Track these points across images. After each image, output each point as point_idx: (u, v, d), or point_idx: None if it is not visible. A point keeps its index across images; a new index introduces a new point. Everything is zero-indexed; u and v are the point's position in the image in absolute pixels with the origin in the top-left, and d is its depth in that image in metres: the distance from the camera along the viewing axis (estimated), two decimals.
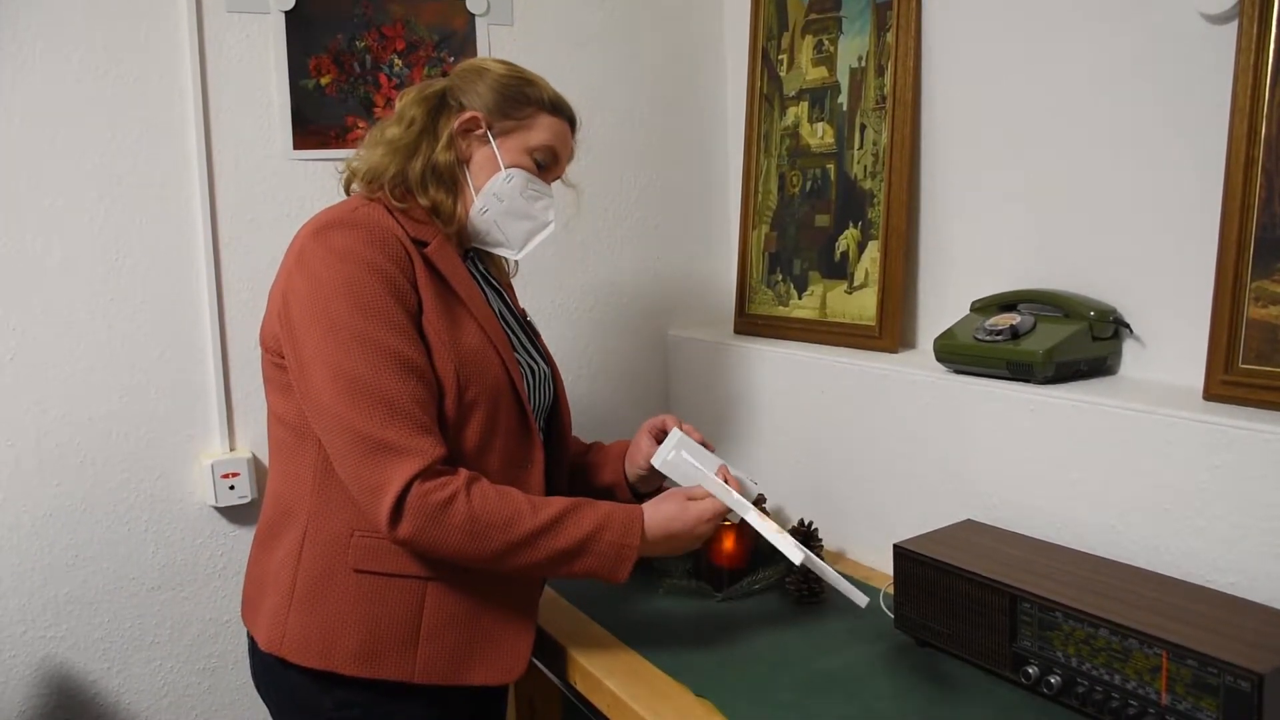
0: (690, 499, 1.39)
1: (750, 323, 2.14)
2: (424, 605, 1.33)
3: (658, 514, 1.36)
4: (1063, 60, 1.59)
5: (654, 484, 1.60)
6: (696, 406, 2.23)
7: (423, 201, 1.38)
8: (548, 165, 1.47)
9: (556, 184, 1.52)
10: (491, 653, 1.36)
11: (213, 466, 1.82)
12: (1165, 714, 1.15)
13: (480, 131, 1.41)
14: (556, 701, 1.87)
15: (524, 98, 1.42)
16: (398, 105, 1.43)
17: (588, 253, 2.19)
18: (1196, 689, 1.12)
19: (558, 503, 1.31)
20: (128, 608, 1.81)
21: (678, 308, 2.31)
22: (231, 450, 1.86)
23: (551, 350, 2.13)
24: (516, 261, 1.57)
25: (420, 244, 1.34)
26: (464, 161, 1.42)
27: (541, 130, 1.44)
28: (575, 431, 2.18)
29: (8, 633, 1.73)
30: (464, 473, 1.27)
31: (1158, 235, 1.49)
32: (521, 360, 1.45)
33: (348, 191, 1.46)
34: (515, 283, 2.06)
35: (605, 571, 1.32)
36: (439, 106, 1.42)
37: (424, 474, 1.24)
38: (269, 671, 1.38)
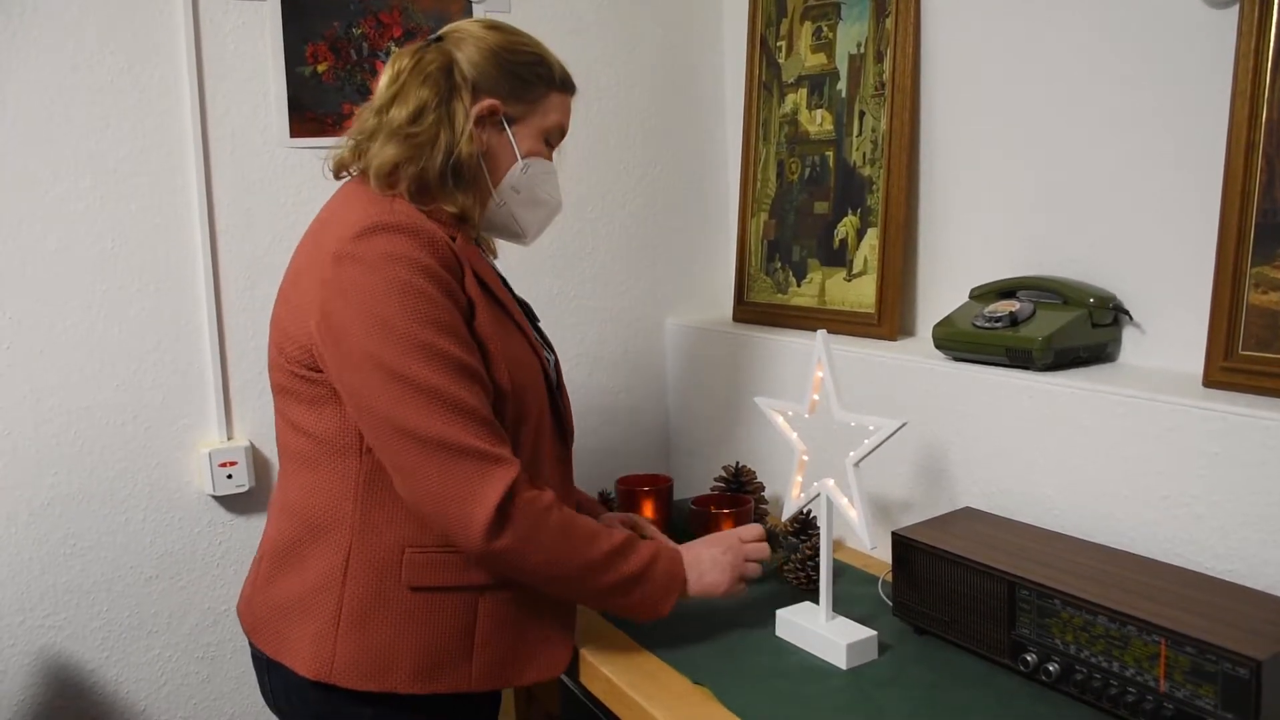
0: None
1: (749, 310, 2.14)
2: (478, 614, 1.29)
3: (693, 545, 1.42)
4: (1062, 46, 1.58)
5: None
6: (695, 394, 2.22)
7: (449, 207, 1.28)
8: (555, 144, 1.41)
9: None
10: (541, 649, 1.35)
11: (210, 455, 1.82)
12: (1163, 701, 1.14)
13: (496, 119, 1.32)
14: (554, 689, 1.87)
15: (536, 78, 1.34)
16: (389, 77, 1.31)
17: (586, 240, 2.18)
18: (1195, 676, 1.11)
19: (621, 530, 1.33)
20: (125, 597, 1.81)
21: (676, 296, 2.30)
22: (229, 439, 1.86)
23: (553, 338, 2.13)
24: (493, 242, 1.51)
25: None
26: (483, 153, 1.32)
27: (554, 111, 1.36)
28: (577, 420, 2.18)
29: (6, 622, 1.73)
30: (549, 489, 1.26)
31: (1157, 222, 1.48)
32: (540, 355, 1.40)
33: (338, 176, 1.38)
34: (517, 271, 2.06)
35: (653, 601, 1.33)
36: (450, 88, 1.29)
37: (520, 480, 1.20)
38: (301, 692, 1.30)
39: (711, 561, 1.39)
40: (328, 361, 1.23)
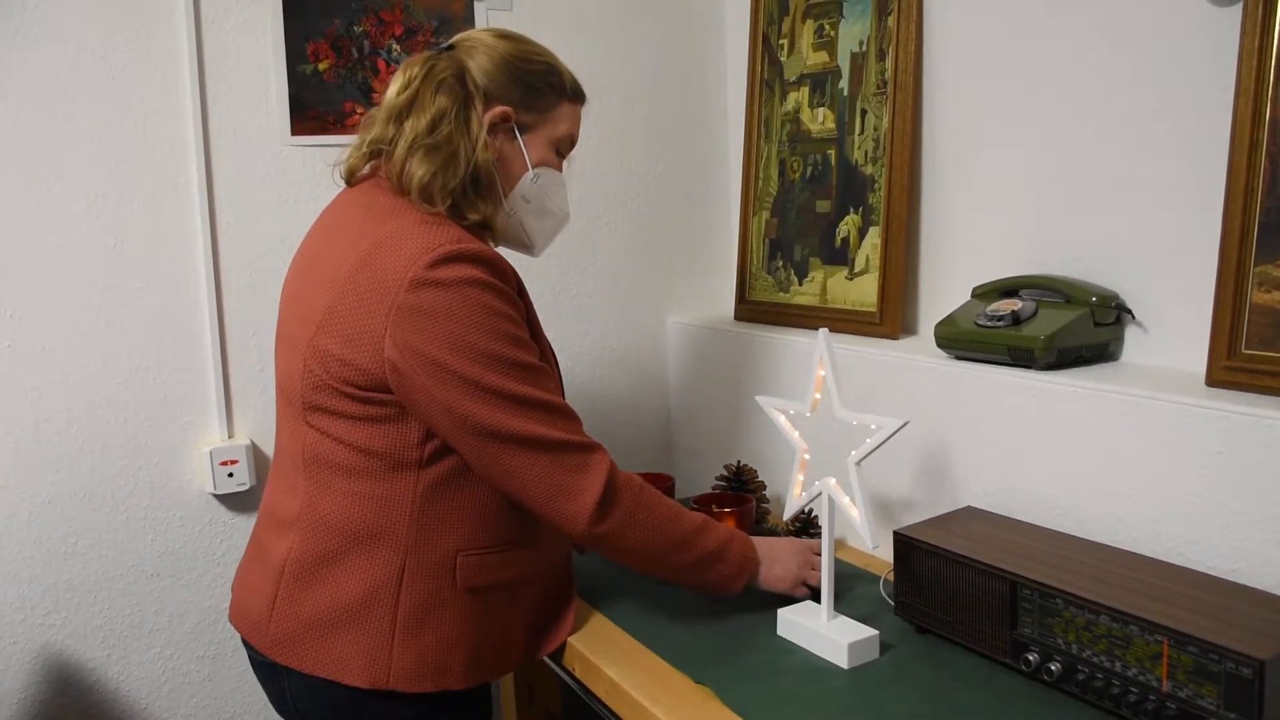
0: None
1: (751, 309, 2.13)
2: (516, 602, 1.38)
3: (764, 539, 1.51)
4: (1064, 44, 1.58)
5: None
6: (697, 393, 2.22)
7: (472, 215, 1.31)
8: (565, 154, 1.42)
9: None
10: (554, 620, 1.45)
11: (211, 454, 1.81)
12: (1166, 701, 1.14)
13: (508, 126, 1.33)
14: (555, 688, 1.87)
15: (547, 87, 1.36)
16: (400, 84, 1.32)
17: (588, 239, 2.18)
18: (1198, 676, 1.11)
19: (693, 511, 1.43)
20: (127, 595, 1.81)
21: (678, 294, 2.30)
22: (230, 437, 1.85)
23: (554, 337, 2.13)
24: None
25: None
26: (498, 162, 1.33)
27: (564, 120, 1.38)
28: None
29: (7, 620, 1.73)
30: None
31: (1160, 220, 1.48)
32: None
33: (349, 182, 1.38)
34: (518, 269, 2.05)
35: (729, 579, 1.43)
36: (465, 96, 1.31)
37: (614, 466, 1.32)
38: (355, 703, 1.30)
39: (783, 555, 1.49)
40: (410, 385, 1.23)
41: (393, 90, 1.32)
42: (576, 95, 1.40)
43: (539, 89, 1.35)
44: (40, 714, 1.76)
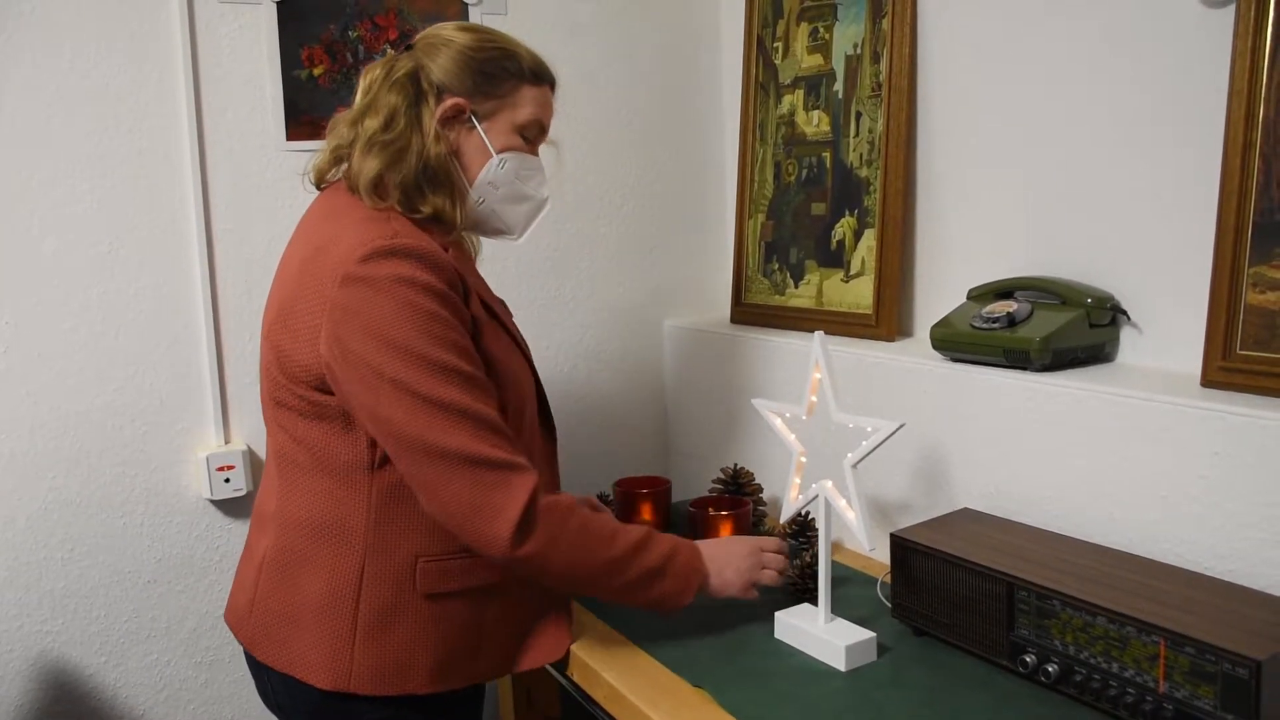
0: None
1: (747, 312, 2.14)
2: (486, 611, 1.34)
3: (710, 543, 1.45)
4: (1058, 45, 1.58)
5: None
6: (694, 396, 2.22)
7: (424, 209, 1.30)
8: (534, 137, 1.40)
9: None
10: (541, 636, 1.40)
11: (208, 459, 1.81)
12: (1163, 702, 1.14)
13: (464, 117, 1.33)
14: (554, 693, 1.87)
15: (503, 72, 1.34)
16: (363, 88, 1.34)
17: (584, 242, 2.18)
18: (1194, 677, 1.11)
19: (638, 526, 1.35)
20: (124, 601, 1.81)
21: (674, 297, 2.30)
22: (226, 443, 1.85)
23: (550, 340, 2.15)
24: (480, 241, 1.52)
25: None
26: (454, 153, 1.34)
27: (526, 104, 1.36)
28: (575, 422, 2.19)
29: (4, 627, 1.72)
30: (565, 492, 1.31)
31: (1155, 221, 1.48)
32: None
33: (318, 186, 1.39)
34: (510, 272, 2.06)
35: (675, 593, 1.35)
36: (417, 93, 1.32)
37: (539, 488, 1.24)
38: (318, 702, 1.31)
39: (731, 558, 1.42)
40: (341, 383, 1.23)
41: (358, 94, 1.35)
42: (538, 78, 1.37)
43: (494, 75, 1.33)
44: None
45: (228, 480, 1.83)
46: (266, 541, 1.35)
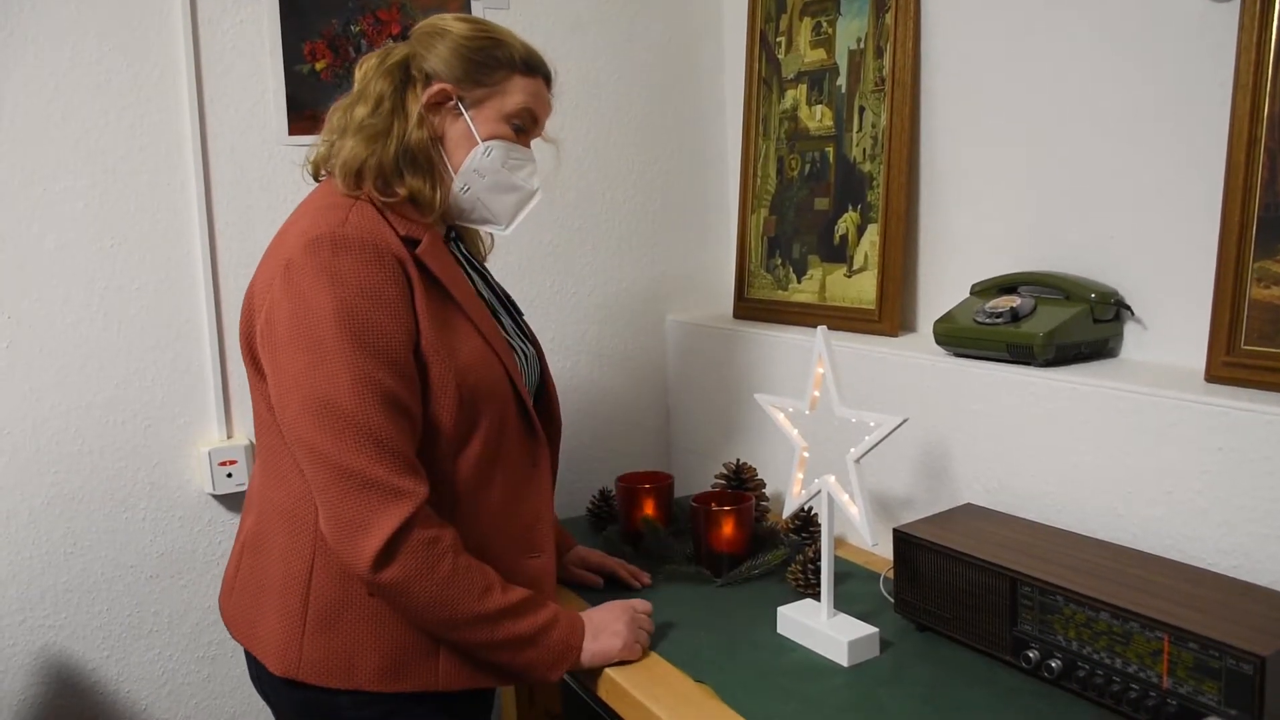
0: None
1: (749, 307, 2.13)
2: None
3: (592, 614, 1.39)
4: (1063, 40, 1.57)
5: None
6: (696, 391, 2.22)
7: (400, 191, 1.29)
8: (526, 129, 1.39)
9: (536, 141, 1.44)
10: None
11: (210, 454, 1.81)
12: (1166, 697, 1.14)
13: (451, 104, 1.33)
14: (556, 689, 1.87)
15: (493, 61, 1.33)
16: (358, 78, 1.35)
17: (587, 238, 2.17)
18: (1198, 672, 1.11)
19: (520, 589, 1.29)
20: (126, 596, 1.81)
21: (677, 292, 2.29)
22: (229, 438, 1.85)
23: (552, 335, 2.15)
24: (493, 237, 1.52)
25: (412, 243, 1.27)
26: (438, 138, 1.34)
27: (516, 93, 1.35)
28: (577, 417, 2.19)
29: (7, 621, 1.73)
30: (453, 530, 1.24)
31: (1159, 216, 1.48)
32: (515, 347, 1.41)
33: (316, 178, 1.39)
34: (513, 267, 2.06)
35: (543, 666, 1.30)
36: (405, 80, 1.33)
37: (417, 516, 1.19)
38: (278, 684, 1.32)
39: (606, 623, 1.38)
40: (265, 365, 1.25)
41: (355, 83, 1.36)
42: (530, 69, 1.37)
43: (485, 64, 1.33)
44: (40, 714, 1.76)
45: (230, 475, 1.83)
46: (249, 521, 1.37)
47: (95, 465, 1.77)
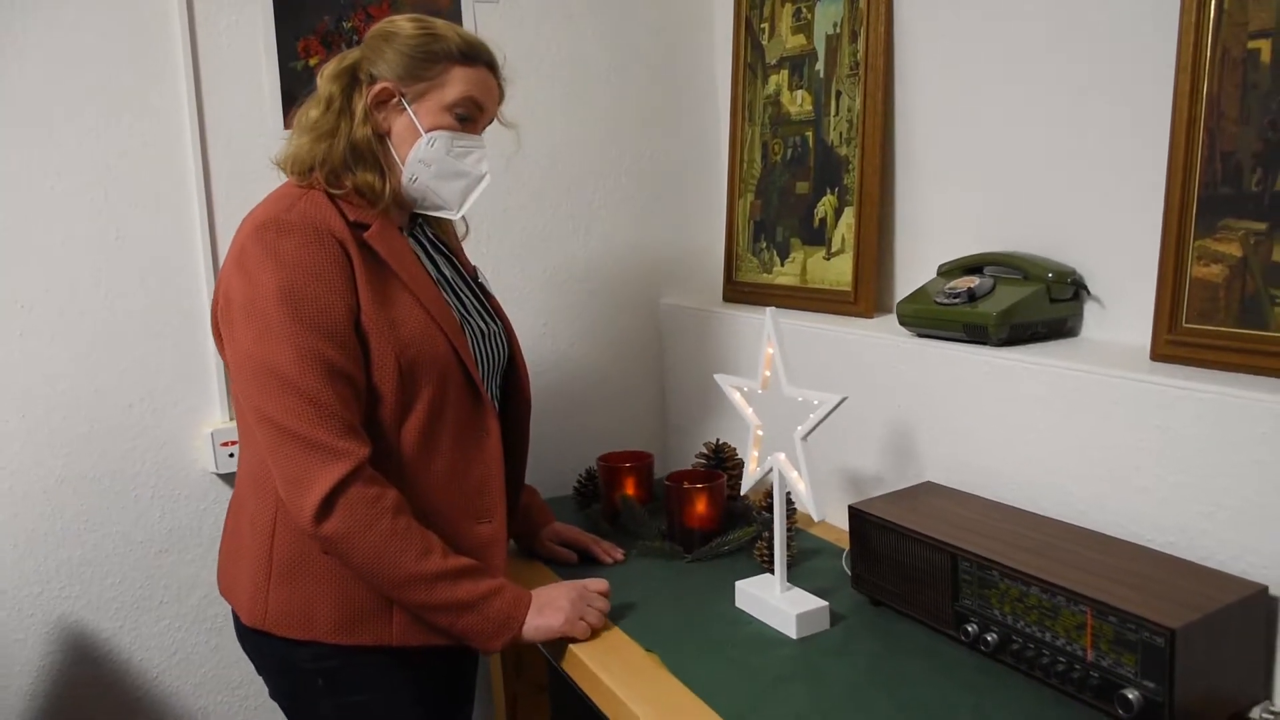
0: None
1: (738, 290, 2.17)
2: None
3: (542, 590, 1.44)
4: (1026, 25, 1.58)
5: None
6: (688, 373, 2.26)
7: (347, 183, 1.39)
8: (472, 117, 1.44)
9: (494, 127, 1.51)
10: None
11: (213, 435, 1.90)
12: (1090, 670, 1.17)
13: (395, 101, 1.41)
14: (542, 661, 1.93)
15: (431, 55, 1.40)
16: (319, 82, 1.44)
17: (580, 223, 2.22)
18: (1118, 645, 1.13)
19: (465, 559, 1.36)
20: (137, 570, 1.91)
21: (670, 276, 2.33)
22: (231, 419, 1.94)
23: (545, 319, 2.20)
24: (466, 222, 1.59)
25: (361, 228, 1.37)
26: (384, 134, 1.42)
27: (456, 84, 1.41)
28: (572, 400, 2.24)
29: (25, 592, 1.83)
30: (396, 493, 1.32)
31: (1116, 197, 1.49)
32: (471, 323, 1.48)
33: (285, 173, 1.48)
34: (508, 252, 2.12)
35: (482, 634, 1.36)
36: (353, 82, 1.42)
37: (356, 474, 1.29)
38: (249, 635, 1.45)
39: (552, 600, 1.42)
40: (225, 340, 1.39)
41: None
42: (468, 58, 1.42)
43: (423, 59, 1.40)
44: (59, 680, 1.87)
45: (232, 455, 1.91)
46: (236, 488, 1.51)
47: (105, 447, 1.86)
